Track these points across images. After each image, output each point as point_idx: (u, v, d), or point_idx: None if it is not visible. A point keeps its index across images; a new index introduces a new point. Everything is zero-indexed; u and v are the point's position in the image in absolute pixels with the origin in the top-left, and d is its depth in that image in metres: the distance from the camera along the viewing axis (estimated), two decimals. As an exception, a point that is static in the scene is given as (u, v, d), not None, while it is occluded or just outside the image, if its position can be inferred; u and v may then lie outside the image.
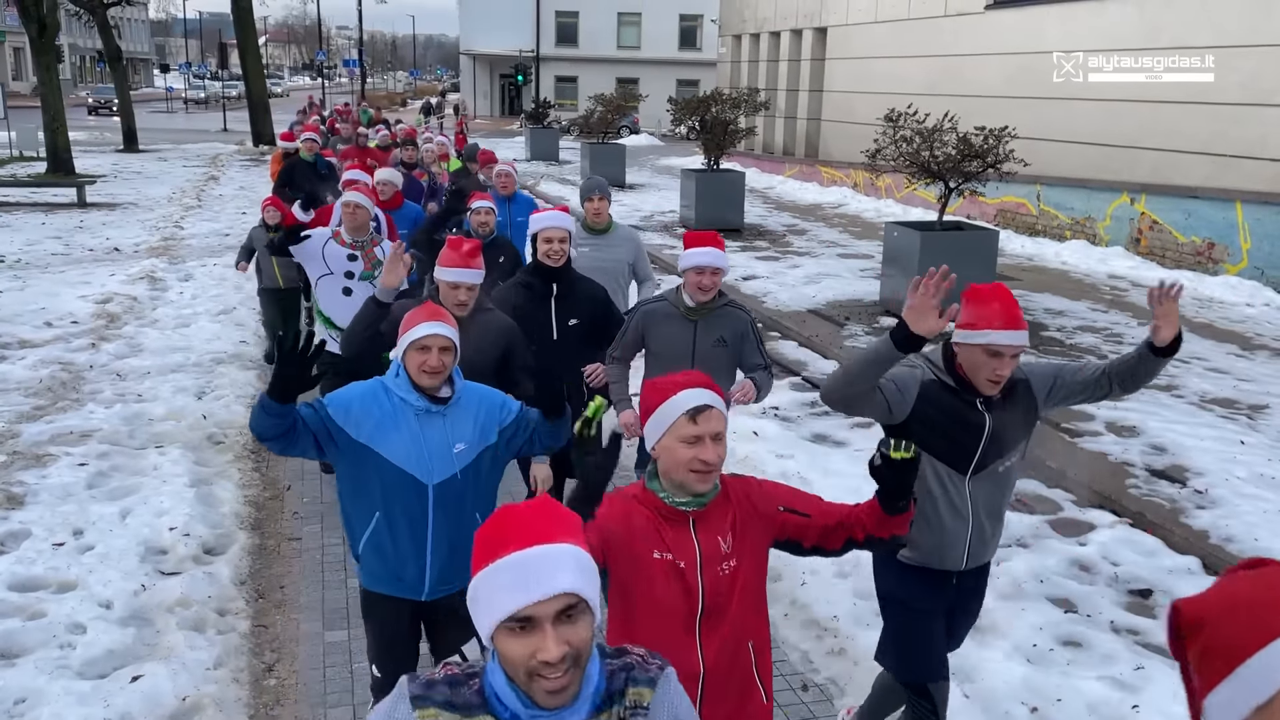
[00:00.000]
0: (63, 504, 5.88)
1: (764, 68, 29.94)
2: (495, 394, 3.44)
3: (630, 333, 4.65)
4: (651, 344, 4.61)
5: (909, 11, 22.45)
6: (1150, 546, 5.72)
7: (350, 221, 6.05)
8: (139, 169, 25.69)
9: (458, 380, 3.34)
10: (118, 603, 4.80)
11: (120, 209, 18.55)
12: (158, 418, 7.40)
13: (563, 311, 4.91)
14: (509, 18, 53.01)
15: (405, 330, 3.24)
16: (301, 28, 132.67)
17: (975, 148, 10.11)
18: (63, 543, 5.39)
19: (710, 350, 4.53)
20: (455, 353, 3.28)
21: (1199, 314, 11.20)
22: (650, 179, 25.73)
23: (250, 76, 33.61)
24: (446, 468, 3.24)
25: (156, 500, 5.95)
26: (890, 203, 19.76)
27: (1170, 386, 8.45)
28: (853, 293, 11.92)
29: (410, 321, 3.25)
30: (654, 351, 4.60)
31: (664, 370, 4.12)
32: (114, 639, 4.50)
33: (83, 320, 10.09)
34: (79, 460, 6.52)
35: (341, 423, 3.16)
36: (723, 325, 4.56)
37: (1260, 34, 13.69)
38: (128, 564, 5.16)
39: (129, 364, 8.74)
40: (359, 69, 52.81)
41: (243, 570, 5.34)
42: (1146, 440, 7.14)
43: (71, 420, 7.26)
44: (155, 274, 12.34)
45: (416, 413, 3.21)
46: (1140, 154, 15.56)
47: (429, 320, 3.22)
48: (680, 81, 51.48)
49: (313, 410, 3.12)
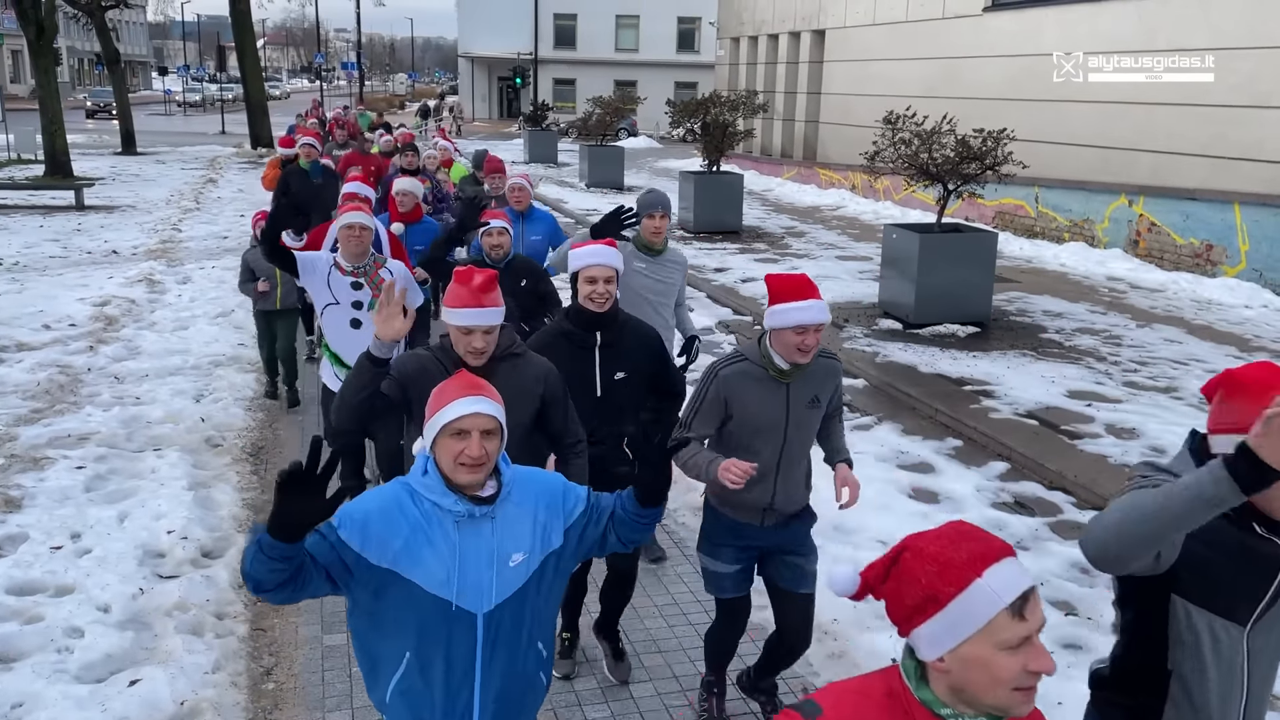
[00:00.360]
0: (60, 507, 5.86)
1: (762, 70, 29.95)
2: (554, 479, 2.68)
3: (708, 403, 3.71)
4: (736, 412, 3.70)
5: (907, 14, 22.47)
6: (1150, 549, 5.71)
7: (351, 246, 5.30)
8: (137, 172, 25.68)
9: (505, 469, 2.54)
10: (116, 606, 4.78)
11: (118, 212, 18.54)
12: (156, 420, 7.39)
13: (608, 364, 4.18)
14: (507, 20, 53.04)
15: (434, 410, 2.46)
16: (300, 30, 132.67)
17: (974, 150, 10.10)
18: (60, 546, 5.38)
19: (805, 414, 3.76)
20: (502, 437, 2.49)
21: (1198, 316, 11.20)
22: (649, 181, 25.68)
23: (248, 79, 33.61)
24: (500, 590, 2.46)
25: (154, 503, 5.93)
26: (889, 205, 19.77)
27: (1169, 389, 8.45)
28: (851, 295, 11.91)
29: (441, 398, 2.47)
30: (739, 420, 3.72)
31: (750, 441, 3.67)
32: (112, 643, 4.48)
33: (80, 323, 10.08)
34: (76, 463, 6.51)
35: (359, 547, 2.37)
36: (817, 382, 3.76)
37: (1258, 36, 13.71)
38: (126, 567, 5.15)
39: (127, 367, 8.73)
40: (357, 71, 52.70)
41: (239, 572, 5.31)
42: (1147, 443, 7.14)
43: (69, 423, 7.25)
44: (154, 276, 12.33)
45: (456, 520, 2.44)
46: (1138, 156, 15.57)
47: (466, 394, 2.45)
48: (678, 84, 51.49)
49: (320, 538, 2.33)
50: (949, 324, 10.35)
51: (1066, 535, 5.90)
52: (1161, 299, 12.13)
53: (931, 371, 8.92)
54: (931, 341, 9.92)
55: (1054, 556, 5.60)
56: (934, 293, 10.31)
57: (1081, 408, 7.92)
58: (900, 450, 7.24)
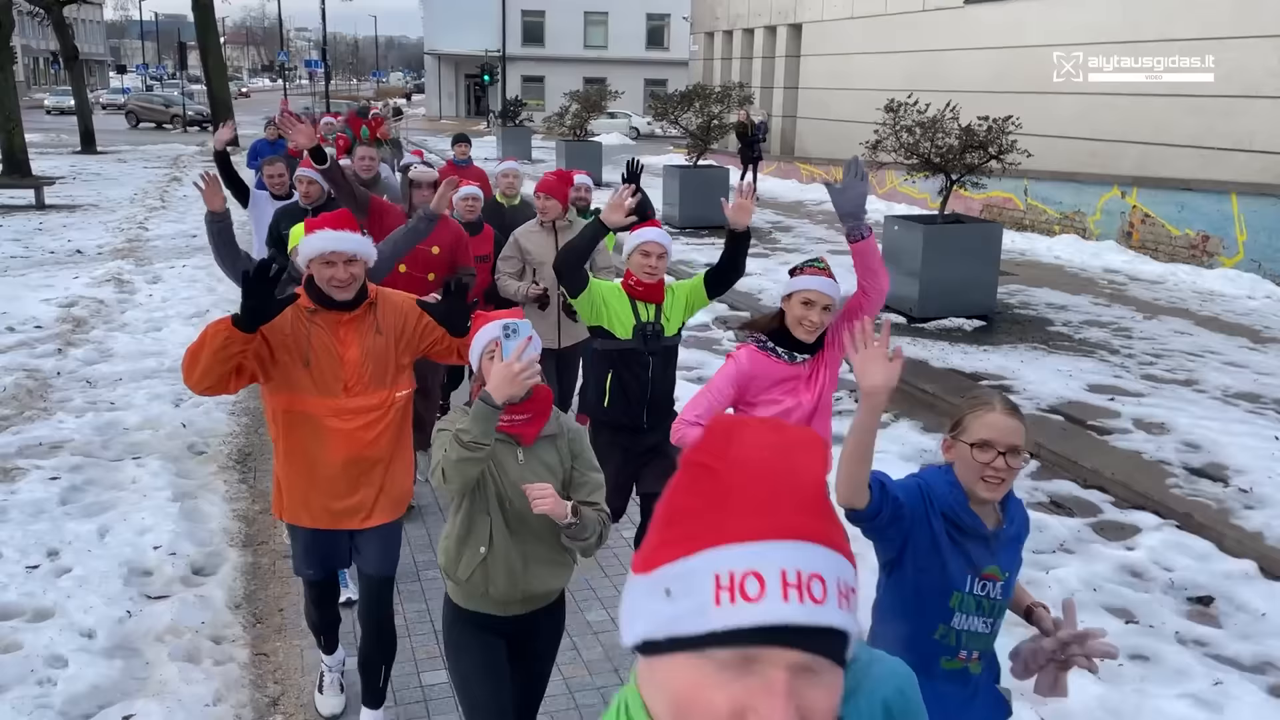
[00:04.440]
0: (35, 522, 5.40)
1: (738, 65, 29.66)
2: None
3: None
4: None
5: (886, 7, 22.26)
6: (1202, 550, 5.43)
7: None
8: (98, 170, 24.95)
9: None
10: (101, 631, 4.34)
11: (81, 210, 17.89)
12: (133, 427, 6.92)
13: None
14: (474, 17, 52.42)
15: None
16: (260, 30, 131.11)
17: (979, 137, 9.81)
18: (37, 565, 4.92)
19: None
20: None
21: (1203, 307, 10.99)
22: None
23: (212, 76, 32.78)
24: None
25: (137, 517, 5.49)
26: (872, 199, 19.49)
27: (1190, 381, 8.20)
28: (850, 289, 11.58)
29: None
30: None
31: None
32: (99, 673, 4.05)
33: (47, 325, 9.55)
34: (50, 474, 6.04)
35: None
36: None
37: (1246, 25, 13.56)
38: (110, 588, 4.71)
39: (99, 370, 8.24)
40: (323, 69, 51.80)
41: (237, 592, 4.89)
42: (1178, 437, 6.86)
43: (40, 431, 6.77)
44: (122, 276, 11.79)
45: None
46: (1127, 148, 15.41)
47: None
48: (648, 81, 51.19)
49: None
50: (954, 317, 10.07)
51: (1112, 536, 5.60)
52: (1163, 290, 11.93)
53: (944, 366, 8.62)
54: (938, 335, 9.63)
55: (1103, 560, 5.29)
56: (938, 286, 10.02)
57: (1105, 402, 7.64)
58: (922, 449, 6.92)
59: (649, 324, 4.26)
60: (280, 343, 3.32)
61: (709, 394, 3.66)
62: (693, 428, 3.55)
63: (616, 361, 4.28)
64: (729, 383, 3.63)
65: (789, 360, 3.62)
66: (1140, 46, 15.28)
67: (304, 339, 3.34)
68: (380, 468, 3.50)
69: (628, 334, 4.24)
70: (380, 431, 3.45)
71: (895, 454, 6.81)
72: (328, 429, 3.38)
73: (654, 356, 4.30)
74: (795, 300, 3.64)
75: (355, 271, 3.35)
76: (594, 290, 4.22)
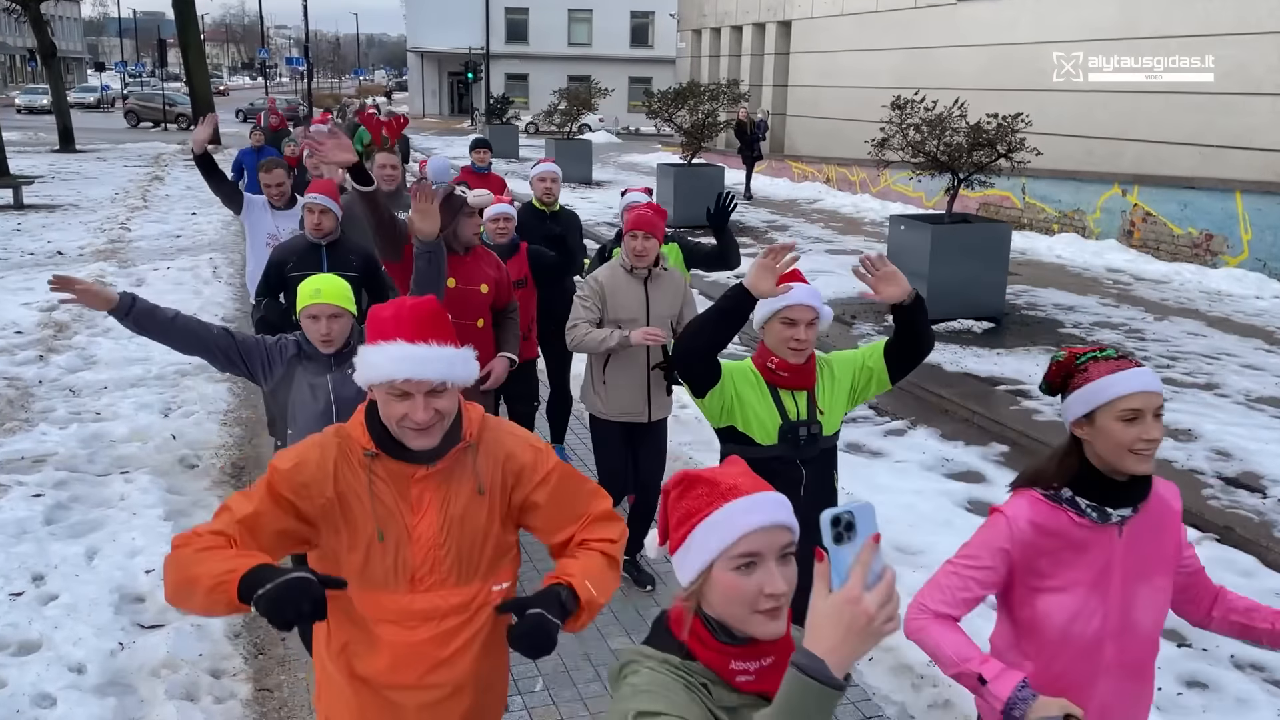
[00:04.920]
0: (17, 544, 5.08)
1: (725, 62, 29.43)
2: None
3: None
4: None
5: (877, 4, 22.06)
6: (1246, 565, 5.21)
7: None
8: (78, 169, 24.47)
9: None
10: (91, 666, 4.04)
11: (61, 210, 17.47)
12: (120, 439, 6.60)
13: None
14: (457, 15, 52.01)
15: None
16: (240, 27, 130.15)
17: (987, 135, 9.59)
18: (21, 592, 4.61)
19: None
20: None
21: (1212, 307, 10.82)
22: (615, 176, 25.10)
23: (193, 73, 32.33)
24: None
25: (127, 537, 5.17)
26: (867, 198, 19.31)
27: (1211, 385, 8.00)
28: (852, 290, 11.34)
29: None
30: None
31: None
32: (91, 713, 3.75)
33: (27, 330, 9.20)
34: (33, 490, 5.71)
35: None
36: None
37: (1246, 22, 13.40)
38: (100, 617, 4.40)
39: (83, 378, 7.91)
40: (305, 67, 51.22)
41: (235, 620, 4.59)
42: (1207, 445, 6.65)
43: (22, 443, 6.44)
44: (104, 278, 11.41)
45: None
46: (1125, 145, 15.25)
47: None
48: (633, 79, 50.90)
49: None
50: (963, 319, 9.85)
51: (1150, 551, 5.37)
52: (1169, 290, 11.75)
53: (958, 370, 8.40)
54: (949, 338, 9.40)
55: (1145, 576, 5.06)
56: (946, 287, 9.79)
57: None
58: (944, 458, 6.69)
59: (800, 423, 3.16)
60: (320, 511, 2.13)
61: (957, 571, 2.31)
62: (937, 623, 2.24)
63: None
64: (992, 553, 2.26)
65: (1097, 519, 2.19)
66: (1138, 44, 15.11)
67: (363, 497, 2.14)
68: (460, 699, 2.29)
69: (771, 439, 3.14)
70: (462, 645, 2.23)
71: (916, 463, 6.59)
72: (381, 640, 2.20)
73: (808, 466, 3.19)
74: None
75: (443, 406, 2.10)
76: (727, 383, 3.13)
